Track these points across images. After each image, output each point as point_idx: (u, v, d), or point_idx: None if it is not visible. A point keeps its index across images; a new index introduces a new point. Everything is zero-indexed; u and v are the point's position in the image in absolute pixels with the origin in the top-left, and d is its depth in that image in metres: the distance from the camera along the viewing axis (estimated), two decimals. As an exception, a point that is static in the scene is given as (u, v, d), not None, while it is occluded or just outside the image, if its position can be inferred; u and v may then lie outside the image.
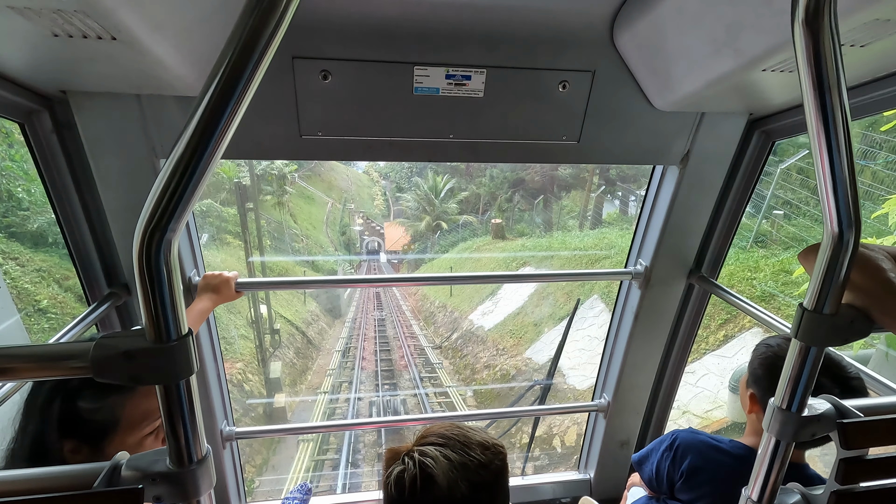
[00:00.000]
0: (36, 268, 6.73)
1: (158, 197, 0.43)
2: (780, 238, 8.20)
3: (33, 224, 7.09)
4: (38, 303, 6.33)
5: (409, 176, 32.20)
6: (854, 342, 0.63)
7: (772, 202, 8.49)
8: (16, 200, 7.10)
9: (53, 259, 7.02)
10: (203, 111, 0.42)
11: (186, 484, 0.52)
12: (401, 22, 1.19)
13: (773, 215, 8.53)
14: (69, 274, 6.86)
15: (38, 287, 6.50)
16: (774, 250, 7.97)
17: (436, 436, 0.94)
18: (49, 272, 6.81)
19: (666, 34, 1.14)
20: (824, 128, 0.50)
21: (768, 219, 8.56)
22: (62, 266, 6.95)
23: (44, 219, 7.08)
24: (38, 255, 6.96)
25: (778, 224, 8.43)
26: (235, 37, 0.41)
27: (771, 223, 8.52)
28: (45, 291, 6.53)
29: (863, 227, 0.56)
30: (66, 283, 6.84)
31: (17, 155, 7.13)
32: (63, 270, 6.92)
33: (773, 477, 0.66)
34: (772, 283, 6.73)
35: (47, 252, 7.09)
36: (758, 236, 8.48)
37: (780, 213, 8.52)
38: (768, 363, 1.19)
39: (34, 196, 7.18)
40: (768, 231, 8.51)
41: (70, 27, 0.80)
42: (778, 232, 8.34)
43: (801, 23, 0.47)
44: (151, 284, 0.45)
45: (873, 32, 0.87)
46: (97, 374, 0.47)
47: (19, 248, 6.87)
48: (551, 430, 8.27)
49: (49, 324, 6.25)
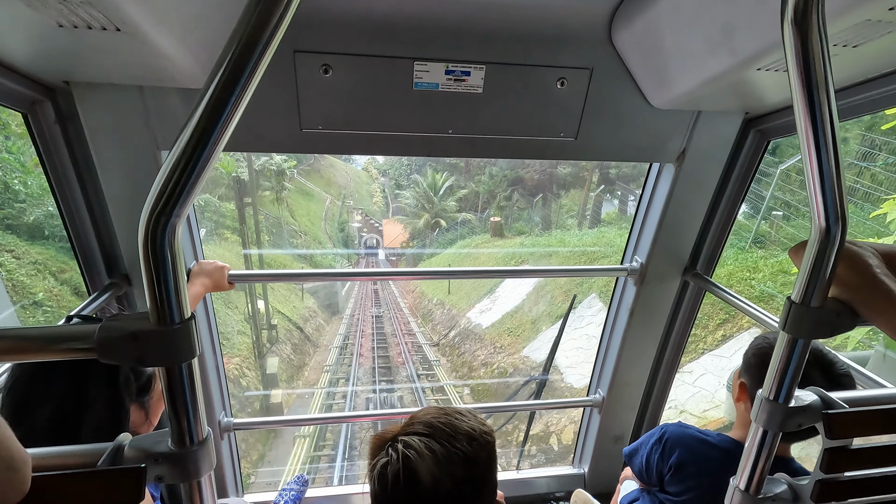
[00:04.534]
0: (32, 260, 6.68)
1: (164, 183, 0.44)
2: (779, 239, 8.21)
3: (30, 216, 7.04)
4: (34, 296, 6.29)
5: (408, 173, 32.19)
6: (852, 342, 0.64)
7: (770, 203, 8.50)
8: (12, 192, 7.05)
9: (50, 252, 6.97)
10: (207, 102, 0.43)
11: (188, 464, 0.54)
12: (402, 17, 1.20)
13: (771, 216, 8.55)
14: (66, 266, 6.82)
15: (33, 280, 6.46)
16: (773, 251, 7.99)
17: (422, 424, 0.92)
18: (45, 265, 6.76)
19: (663, 33, 1.15)
20: (812, 125, 0.51)
21: (767, 220, 8.58)
22: (58, 259, 6.90)
23: (40, 211, 7.03)
24: (35, 247, 6.92)
25: (777, 225, 8.44)
26: (239, 30, 0.42)
27: (770, 224, 8.53)
28: (42, 284, 6.49)
29: (864, 228, 0.58)
30: (63, 275, 6.79)
31: (14, 147, 7.07)
32: (59, 263, 6.86)
33: (760, 466, 0.67)
34: (770, 283, 6.75)
35: (44, 245, 7.04)
36: (756, 237, 8.50)
37: (779, 214, 8.53)
38: (762, 353, 1.20)
39: (31, 188, 7.13)
40: (767, 232, 8.52)
41: (75, 18, 0.81)
42: (777, 233, 8.35)
43: (790, 22, 0.48)
44: (156, 268, 0.46)
45: (865, 33, 0.89)
46: (102, 356, 0.48)
47: (15, 240, 6.83)
48: (548, 429, 8.30)
49: (45, 317, 6.21)
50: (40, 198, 7.15)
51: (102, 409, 0.92)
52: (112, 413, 0.93)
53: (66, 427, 0.89)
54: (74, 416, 0.90)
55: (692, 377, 6.44)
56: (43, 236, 7.12)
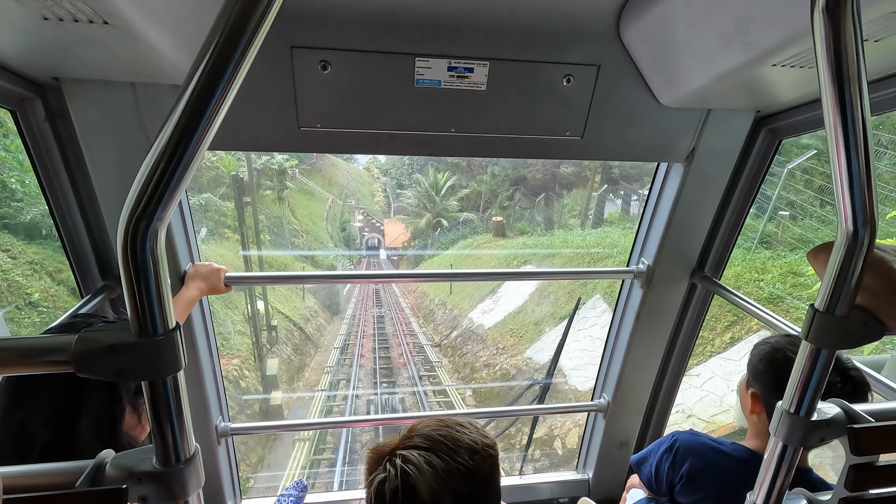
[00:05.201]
0: (28, 260, 6.60)
1: (144, 184, 0.41)
2: (787, 239, 8.15)
3: (26, 216, 6.96)
4: (30, 296, 6.21)
5: (410, 172, 32.21)
6: (868, 348, 0.61)
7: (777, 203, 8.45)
8: (9, 191, 6.99)
9: (47, 252, 6.90)
10: (189, 96, 0.39)
11: (173, 484, 0.50)
12: (403, 12, 1.16)
13: (778, 216, 8.49)
14: (62, 266, 6.75)
15: (29, 280, 6.38)
16: (781, 251, 7.93)
17: (421, 437, 0.88)
18: (41, 265, 6.69)
19: (674, 27, 1.12)
20: (842, 122, 0.48)
21: (773, 219, 8.51)
22: (55, 259, 6.83)
23: (37, 210, 6.96)
24: (32, 247, 6.84)
25: (784, 225, 8.38)
26: (223, 19, 0.38)
27: (776, 224, 8.47)
28: (37, 284, 6.42)
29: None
30: (60, 276, 6.72)
31: (13, 145, 7.01)
32: (56, 263, 6.80)
33: (779, 482, 0.64)
34: (780, 284, 6.68)
35: (41, 244, 6.97)
36: (763, 237, 8.44)
37: (786, 214, 8.47)
38: (770, 359, 1.17)
39: (28, 187, 7.05)
40: (774, 232, 8.46)
41: (60, 10, 0.78)
42: (784, 233, 8.29)
43: (821, 11, 0.45)
44: (136, 275, 0.43)
45: (889, 27, 0.85)
46: (79, 370, 0.45)
47: (12, 239, 6.76)
48: (552, 432, 8.24)
49: (40, 318, 6.13)
50: (38, 197, 7.01)
51: (100, 403, 0.90)
52: (109, 409, 0.91)
53: (63, 418, 0.87)
54: (72, 408, 0.88)
55: (700, 380, 6.39)
56: (40, 236, 7.05)
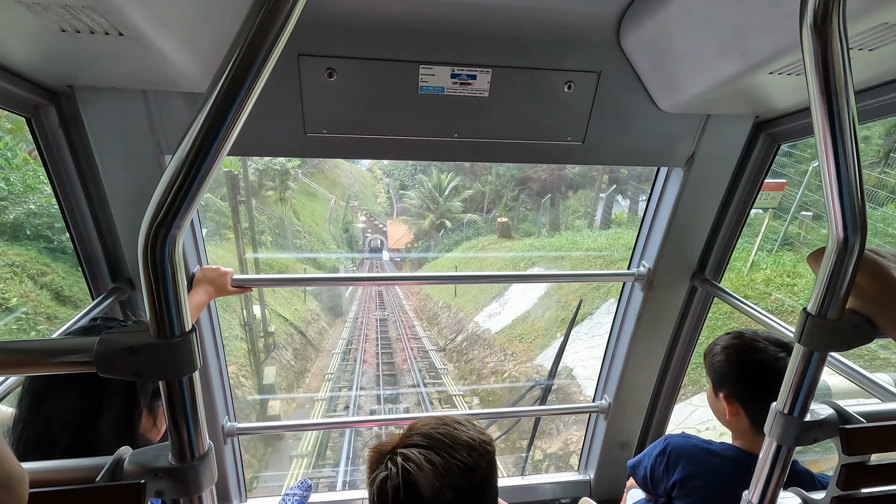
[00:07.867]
0: (9, 262, 6.20)
1: (164, 193, 0.43)
2: (811, 241, 7.98)
3: (9, 215, 6.56)
4: (7, 301, 5.77)
5: (413, 174, 32.19)
6: None
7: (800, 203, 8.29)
8: (-7, 189, 6.57)
9: (30, 253, 6.53)
10: (210, 108, 0.42)
11: (188, 479, 0.53)
12: (407, 20, 1.19)
13: (801, 216, 8.38)
14: (46, 269, 6.39)
15: (7, 284, 5.94)
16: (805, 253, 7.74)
17: (421, 435, 0.91)
18: (23, 266, 6.28)
19: (673, 35, 1.14)
20: (831, 132, 0.50)
21: (796, 219, 8.37)
22: (38, 260, 6.43)
23: (21, 210, 6.56)
24: (13, 248, 6.44)
25: (807, 225, 8.24)
26: (243, 34, 0.41)
27: (799, 224, 8.31)
28: (17, 289, 5.98)
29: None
30: (42, 279, 6.34)
31: (1, 143, 6.78)
32: (39, 265, 6.38)
33: (773, 482, 0.66)
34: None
35: (23, 245, 6.53)
36: (785, 238, 8.28)
37: (809, 215, 8.34)
38: (727, 358, 1.23)
39: (12, 185, 6.66)
40: (797, 233, 8.31)
41: (77, 22, 0.80)
42: (807, 234, 8.14)
43: (809, 26, 0.47)
44: (156, 280, 0.45)
45: (881, 37, 0.87)
46: (101, 369, 0.47)
47: (-7, 241, 6.35)
48: (568, 448, 8.04)
49: (18, 325, 5.66)
50: (22, 195, 6.67)
51: (119, 406, 0.93)
52: (127, 411, 0.94)
53: (84, 421, 0.89)
54: (94, 410, 0.90)
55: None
56: (24, 236, 6.62)
